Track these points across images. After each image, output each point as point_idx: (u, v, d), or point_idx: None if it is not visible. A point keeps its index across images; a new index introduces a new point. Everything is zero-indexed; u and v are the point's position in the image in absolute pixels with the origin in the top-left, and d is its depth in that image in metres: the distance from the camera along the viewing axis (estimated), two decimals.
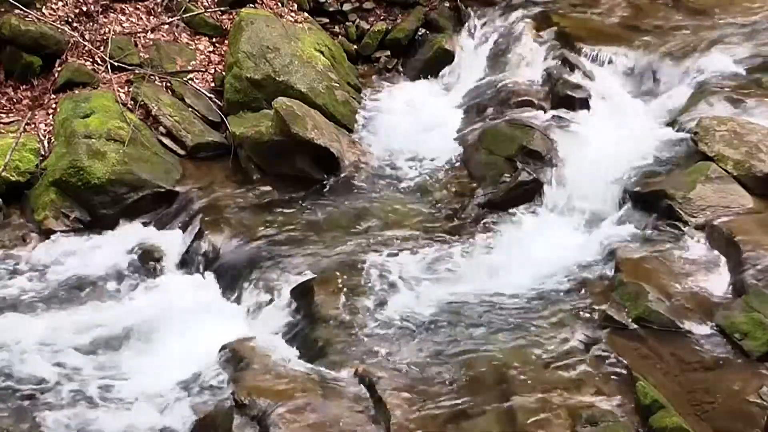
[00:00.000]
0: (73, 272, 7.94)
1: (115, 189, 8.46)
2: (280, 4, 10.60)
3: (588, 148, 8.64)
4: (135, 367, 6.91)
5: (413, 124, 9.75)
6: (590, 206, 8.29)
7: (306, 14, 10.69)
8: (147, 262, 8.08)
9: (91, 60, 9.59)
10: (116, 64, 9.43)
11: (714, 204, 7.69)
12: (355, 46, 10.91)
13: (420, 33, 10.95)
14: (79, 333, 7.23)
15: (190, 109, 9.39)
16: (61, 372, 6.85)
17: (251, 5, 10.44)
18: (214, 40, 10.26)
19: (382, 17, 11.12)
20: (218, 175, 8.93)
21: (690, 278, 7.18)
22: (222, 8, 10.41)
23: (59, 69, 9.45)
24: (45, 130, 8.99)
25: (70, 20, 9.71)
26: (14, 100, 9.35)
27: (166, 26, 10.14)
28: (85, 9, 9.86)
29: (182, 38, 10.15)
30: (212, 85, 9.78)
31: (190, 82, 9.66)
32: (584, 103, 9.17)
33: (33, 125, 9.02)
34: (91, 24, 9.79)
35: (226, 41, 10.06)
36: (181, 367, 6.83)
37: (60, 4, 9.80)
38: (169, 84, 9.59)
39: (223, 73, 9.73)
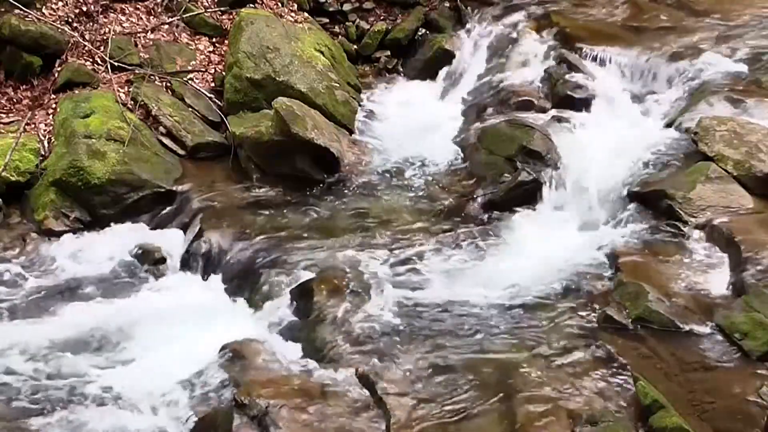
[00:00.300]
0: (72, 272, 7.95)
1: (115, 189, 8.46)
2: (280, 4, 10.61)
3: (588, 148, 8.64)
4: (135, 367, 6.90)
5: (413, 124, 9.76)
6: (590, 206, 8.29)
7: (306, 14, 10.71)
8: (147, 262, 8.08)
9: (91, 60, 9.59)
10: (116, 64, 9.43)
11: (714, 204, 7.69)
12: (355, 46, 10.92)
13: (420, 33, 10.97)
14: (79, 333, 7.23)
15: (190, 109, 9.39)
16: (60, 372, 6.84)
17: (251, 5, 10.45)
18: (214, 40, 10.27)
19: (382, 17, 11.13)
20: (218, 175, 8.93)
21: (690, 278, 7.18)
22: (222, 8, 10.42)
23: (59, 69, 9.46)
24: (45, 130, 8.99)
25: (70, 20, 9.72)
26: (14, 100, 9.35)
27: (166, 26, 10.15)
28: (85, 9, 9.86)
29: (182, 38, 10.16)
30: (212, 85, 9.79)
31: (190, 82, 9.67)
32: (584, 103, 9.17)
33: (33, 125, 9.02)
34: (91, 24, 9.80)
35: (226, 41, 10.07)
36: (181, 366, 6.82)
37: (60, 4, 9.81)
38: (169, 84, 9.59)
39: (223, 73, 9.74)
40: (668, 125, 8.84)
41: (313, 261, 7.74)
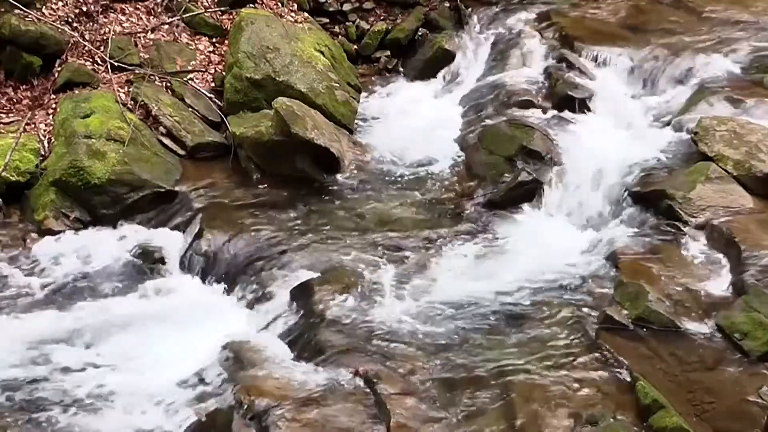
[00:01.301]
0: (72, 272, 7.93)
1: (115, 189, 8.45)
2: (280, 4, 10.61)
3: (588, 148, 8.65)
4: (134, 367, 6.90)
5: (413, 124, 9.76)
6: (590, 206, 8.30)
7: (306, 14, 10.70)
8: (147, 262, 8.07)
9: (91, 60, 9.59)
10: (116, 64, 9.42)
11: (714, 204, 7.70)
12: (355, 46, 10.93)
13: (420, 33, 10.97)
14: (79, 333, 7.22)
15: (190, 109, 9.38)
16: (59, 372, 6.84)
17: (251, 5, 10.45)
18: (214, 40, 10.26)
19: (382, 17, 11.13)
20: (218, 175, 8.93)
21: (690, 278, 7.19)
22: (222, 8, 10.41)
23: (59, 69, 9.45)
24: (45, 130, 8.98)
25: (70, 20, 9.71)
26: (14, 100, 9.34)
27: (166, 26, 10.14)
28: (85, 9, 9.85)
29: (182, 38, 10.15)
30: (212, 85, 9.78)
31: (190, 82, 9.66)
32: (584, 103, 9.18)
33: (33, 125, 9.02)
34: (91, 24, 9.79)
35: (226, 41, 10.06)
36: (181, 366, 6.83)
37: (60, 4, 9.80)
38: (169, 84, 9.59)
39: (223, 73, 9.74)
40: (668, 125, 8.84)
41: (313, 261, 7.75)
